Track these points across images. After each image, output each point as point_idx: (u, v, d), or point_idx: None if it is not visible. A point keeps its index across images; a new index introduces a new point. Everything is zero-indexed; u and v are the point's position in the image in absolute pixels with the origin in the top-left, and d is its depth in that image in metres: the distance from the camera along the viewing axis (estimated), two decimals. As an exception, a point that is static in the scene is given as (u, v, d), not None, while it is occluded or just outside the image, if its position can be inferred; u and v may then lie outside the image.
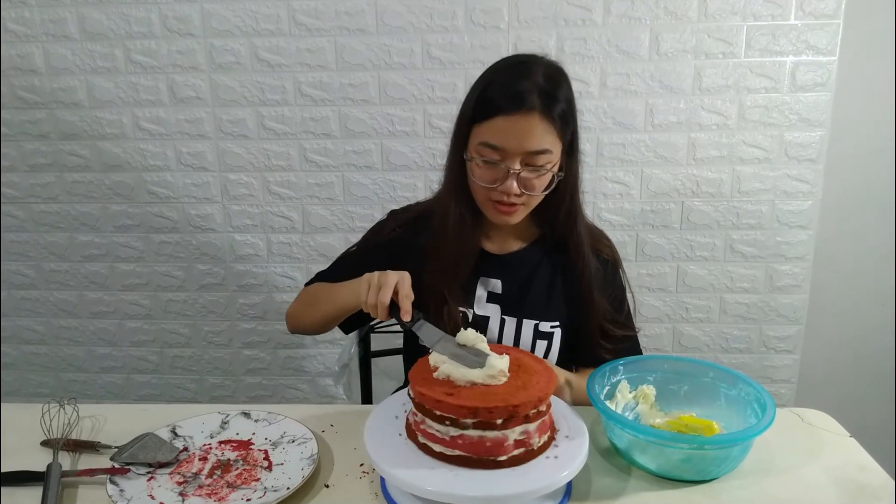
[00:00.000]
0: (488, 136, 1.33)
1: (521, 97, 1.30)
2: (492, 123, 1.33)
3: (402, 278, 1.28)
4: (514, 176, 1.34)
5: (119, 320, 2.76)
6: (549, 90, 1.31)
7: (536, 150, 1.32)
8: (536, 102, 1.30)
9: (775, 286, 2.55)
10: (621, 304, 1.59)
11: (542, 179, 1.37)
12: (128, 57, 2.46)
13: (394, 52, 2.40)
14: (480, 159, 1.36)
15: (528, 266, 1.55)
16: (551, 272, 1.54)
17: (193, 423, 1.37)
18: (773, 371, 2.64)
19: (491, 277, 1.54)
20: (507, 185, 1.35)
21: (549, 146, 1.33)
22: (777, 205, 2.46)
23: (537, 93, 1.30)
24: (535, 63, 1.36)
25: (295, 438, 1.31)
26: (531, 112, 1.30)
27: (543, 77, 1.32)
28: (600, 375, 1.34)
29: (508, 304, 1.54)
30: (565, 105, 1.34)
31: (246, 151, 2.53)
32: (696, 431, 1.28)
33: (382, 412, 1.24)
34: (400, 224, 1.59)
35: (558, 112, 1.32)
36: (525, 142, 1.31)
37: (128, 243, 2.66)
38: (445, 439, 1.08)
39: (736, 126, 2.40)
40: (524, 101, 1.30)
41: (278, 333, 2.73)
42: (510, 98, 1.30)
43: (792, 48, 2.32)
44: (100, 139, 2.55)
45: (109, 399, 2.86)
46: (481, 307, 1.54)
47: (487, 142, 1.34)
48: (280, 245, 2.63)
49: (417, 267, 1.48)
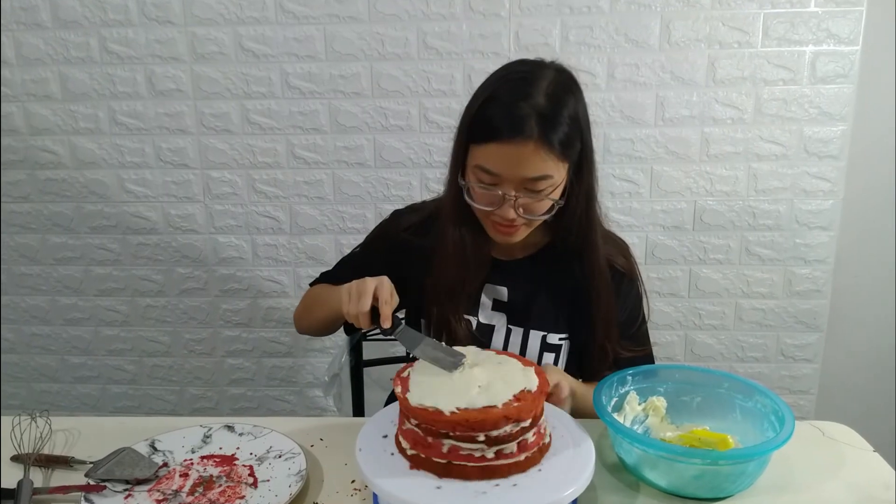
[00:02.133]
0: (483, 160, 1.33)
1: (518, 123, 1.28)
2: (487, 148, 1.32)
3: (381, 284, 1.29)
4: (511, 202, 1.34)
5: (94, 327, 2.76)
6: (549, 114, 1.29)
7: (533, 177, 1.32)
8: (534, 130, 1.28)
9: (794, 291, 2.55)
10: (632, 322, 1.58)
11: (543, 204, 1.37)
12: (103, 46, 2.46)
13: (387, 41, 2.40)
14: (477, 184, 1.36)
15: (537, 274, 1.55)
16: (561, 281, 1.54)
17: (173, 437, 1.37)
18: (792, 381, 2.64)
19: (497, 284, 1.55)
20: (503, 210, 1.35)
21: (549, 171, 1.32)
22: (796, 204, 2.47)
23: (536, 118, 1.28)
24: (539, 78, 1.33)
25: (282, 453, 1.31)
26: (527, 140, 1.28)
27: (545, 96, 1.30)
28: (608, 386, 1.34)
29: (515, 313, 1.54)
30: (568, 127, 1.31)
31: (230, 147, 2.54)
32: (709, 446, 1.28)
33: (375, 425, 1.23)
34: (404, 228, 1.60)
35: (559, 138, 1.30)
36: (521, 170, 1.31)
37: (103, 245, 2.66)
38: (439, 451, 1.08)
39: (752, 120, 2.40)
40: (521, 128, 1.28)
41: (264, 341, 2.73)
42: (507, 123, 1.29)
43: (812, 37, 2.33)
44: (73, 134, 2.55)
45: (84, 411, 2.86)
46: (486, 315, 1.55)
47: (482, 166, 1.33)
48: (266, 247, 2.63)
49: (421, 273, 1.49)
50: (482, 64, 2.38)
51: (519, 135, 1.28)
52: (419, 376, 1.17)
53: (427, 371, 1.18)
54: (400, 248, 1.57)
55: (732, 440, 1.30)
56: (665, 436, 1.33)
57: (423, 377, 1.17)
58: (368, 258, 1.62)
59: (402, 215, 1.65)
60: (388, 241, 1.61)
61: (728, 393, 1.35)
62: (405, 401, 1.11)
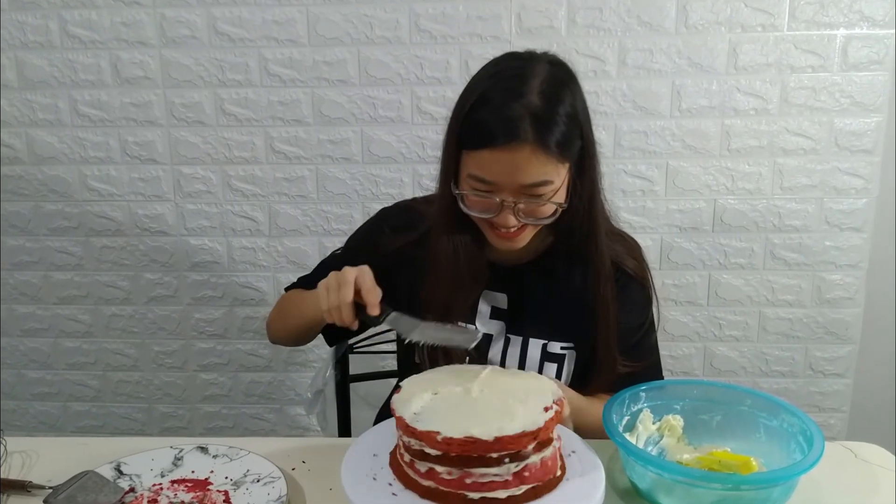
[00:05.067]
0: (477, 168, 1.33)
1: (512, 127, 1.28)
2: (480, 155, 1.32)
3: (361, 272, 1.30)
4: (510, 208, 1.34)
5: (54, 339, 2.76)
6: (544, 114, 1.29)
7: (532, 183, 1.32)
8: (529, 132, 1.27)
9: (824, 299, 2.56)
10: (634, 331, 1.58)
11: (545, 208, 1.37)
12: (64, 30, 2.46)
13: (376, 23, 2.40)
14: (472, 192, 1.36)
15: (539, 279, 1.55)
16: (565, 286, 1.54)
17: (141, 460, 1.36)
18: (822, 398, 2.64)
19: (496, 291, 1.55)
20: (502, 217, 1.35)
21: (548, 176, 1.32)
22: (826, 203, 2.47)
23: (530, 119, 1.28)
24: (530, 75, 1.33)
25: (260, 477, 1.31)
26: (522, 144, 1.28)
27: (539, 94, 1.30)
28: (619, 403, 1.34)
29: (513, 320, 1.55)
30: (565, 125, 1.31)
31: (202, 141, 2.54)
32: (730, 469, 1.28)
33: (363, 446, 1.24)
34: (394, 229, 1.59)
35: (556, 139, 1.30)
36: (518, 176, 1.31)
37: (64, 248, 2.66)
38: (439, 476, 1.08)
39: (777, 111, 2.41)
40: (515, 132, 1.28)
41: (241, 354, 2.73)
42: (499, 127, 1.29)
43: (843, 19, 2.33)
44: (31, 126, 2.55)
45: (42, 431, 2.85)
46: (483, 323, 1.55)
47: (476, 175, 1.33)
48: (243, 251, 2.63)
49: (413, 281, 1.48)
50: (480, 49, 2.39)
51: (513, 139, 1.27)
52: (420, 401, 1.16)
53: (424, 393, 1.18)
54: (388, 252, 1.56)
55: (756, 463, 1.30)
56: (682, 458, 1.33)
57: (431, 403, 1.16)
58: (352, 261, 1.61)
59: (391, 215, 1.65)
60: (375, 243, 1.59)
61: (751, 411, 1.35)
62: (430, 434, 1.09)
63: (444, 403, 1.14)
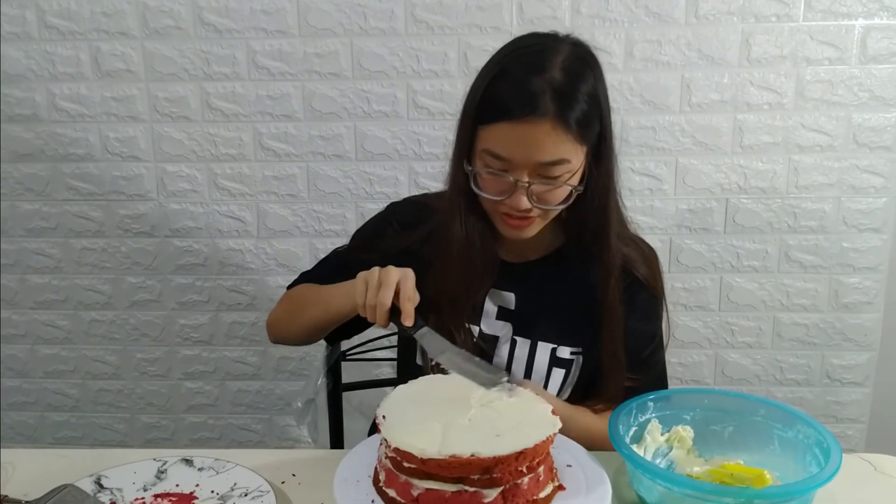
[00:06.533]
0: (492, 143, 1.34)
1: (532, 100, 1.30)
2: (496, 129, 1.33)
3: (405, 277, 1.31)
4: (524, 189, 1.34)
5: (30, 345, 2.76)
6: (566, 89, 1.31)
7: (549, 162, 1.33)
8: (549, 107, 1.29)
9: (842, 303, 2.56)
10: (643, 344, 1.57)
11: (560, 191, 1.38)
12: (41, 20, 2.46)
13: (370, 13, 2.41)
14: (485, 169, 1.37)
15: (548, 279, 1.55)
16: (575, 287, 1.54)
17: (123, 473, 1.36)
18: (839, 408, 2.64)
19: (503, 290, 1.55)
20: (514, 199, 1.36)
21: (566, 155, 1.33)
22: (844, 203, 2.48)
23: (551, 94, 1.30)
24: (553, 51, 1.35)
25: (248, 491, 1.31)
26: (542, 119, 1.29)
27: (561, 70, 1.32)
28: (626, 413, 1.34)
29: (521, 322, 1.55)
30: (586, 104, 1.33)
31: (188, 137, 2.54)
32: (743, 483, 1.28)
33: (356, 459, 1.24)
34: (403, 226, 1.60)
35: (577, 116, 1.31)
36: (535, 152, 1.32)
37: (41, 250, 2.66)
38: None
39: (793, 106, 2.41)
40: (534, 105, 1.29)
41: (227, 361, 2.73)
42: (518, 100, 1.30)
43: (862, 9, 2.34)
44: (7, 122, 2.55)
45: (19, 442, 2.85)
46: (489, 324, 1.55)
47: (491, 150, 1.34)
48: (230, 252, 2.63)
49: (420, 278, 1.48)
50: (480, 40, 2.39)
51: (532, 113, 1.29)
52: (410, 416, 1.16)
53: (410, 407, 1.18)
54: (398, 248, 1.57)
55: (770, 476, 1.30)
56: (692, 471, 1.33)
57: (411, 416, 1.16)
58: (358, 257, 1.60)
59: (400, 210, 1.66)
60: (382, 240, 1.61)
61: (765, 421, 1.35)
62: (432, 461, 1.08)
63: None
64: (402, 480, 1.09)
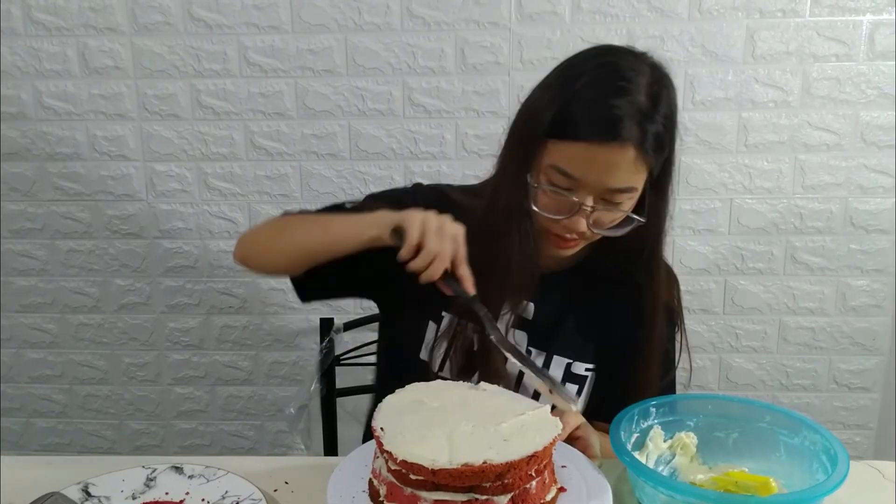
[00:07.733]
0: (564, 160, 1.32)
1: (616, 126, 1.27)
2: (572, 147, 1.30)
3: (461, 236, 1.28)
4: (586, 212, 1.33)
5: (16, 349, 2.76)
6: (649, 113, 1.29)
7: (619, 188, 1.32)
8: (634, 133, 1.28)
9: (849, 306, 2.56)
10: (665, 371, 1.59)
11: (617, 217, 1.37)
12: (27, 15, 2.46)
13: (365, 9, 2.40)
14: (548, 185, 1.35)
15: (571, 291, 1.55)
16: (598, 302, 1.55)
17: (111, 480, 1.36)
18: (847, 414, 2.65)
19: None
20: (574, 221, 1.35)
21: (637, 183, 1.33)
22: (851, 203, 2.48)
23: (636, 120, 1.28)
24: (637, 72, 1.33)
25: (240, 500, 1.31)
26: (624, 144, 1.28)
27: (646, 94, 1.30)
28: (627, 420, 1.34)
29: (539, 334, 1.54)
30: (662, 126, 1.32)
31: (177, 136, 2.54)
32: (748, 491, 1.28)
33: (350, 466, 1.23)
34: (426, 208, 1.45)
35: (652, 144, 1.30)
36: (608, 177, 1.30)
37: (27, 252, 2.66)
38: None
39: (799, 103, 2.41)
40: (618, 129, 1.27)
41: (218, 366, 2.73)
42: (602, 124, 1.28)
43: (870, 4, 2.34)
44: (-9, 119, 2.55)
45: (4, 449, 2.84)
46: None
47: (561, 167, 1.32)
48: (221, 254, 2.63)
49: None
50: (477, 36, 2.38)
51: (615, 139, 1.27)
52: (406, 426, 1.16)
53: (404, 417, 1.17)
54: None
55: (775, 484, 1.30)
56: (695, 479, 1.33)
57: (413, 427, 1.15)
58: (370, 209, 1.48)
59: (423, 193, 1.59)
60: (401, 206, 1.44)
61: (770, 428, 1.35)
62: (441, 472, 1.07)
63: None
64: (408, 493, 1.08)
